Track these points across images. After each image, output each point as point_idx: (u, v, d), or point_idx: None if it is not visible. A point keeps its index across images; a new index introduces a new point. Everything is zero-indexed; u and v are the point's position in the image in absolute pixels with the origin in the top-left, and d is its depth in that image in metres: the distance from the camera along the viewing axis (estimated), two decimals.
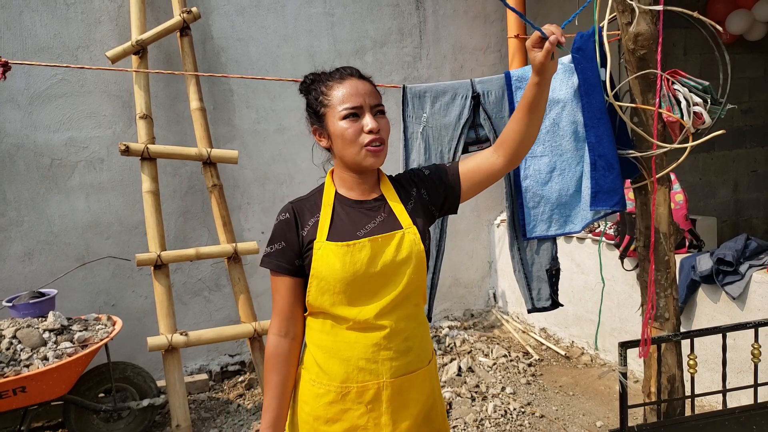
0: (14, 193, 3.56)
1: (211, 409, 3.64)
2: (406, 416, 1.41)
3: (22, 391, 2.64)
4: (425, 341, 1.49)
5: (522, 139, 1.43)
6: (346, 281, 1.36)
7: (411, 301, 1.44)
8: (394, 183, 1.53)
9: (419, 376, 1.44)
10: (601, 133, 1.97)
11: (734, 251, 2.93)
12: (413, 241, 1.41)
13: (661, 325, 2.18)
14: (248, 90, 4.05)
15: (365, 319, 1.38)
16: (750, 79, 5.65)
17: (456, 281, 4.82)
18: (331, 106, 1.41)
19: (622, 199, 2.01)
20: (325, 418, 1.41)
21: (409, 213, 1.46)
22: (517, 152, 1.45)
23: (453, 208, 1.55)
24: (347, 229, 1.41)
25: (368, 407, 1.39)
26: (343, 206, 1.45)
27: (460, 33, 4.63)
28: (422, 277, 1.44)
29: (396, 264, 1.39)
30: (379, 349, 1.38)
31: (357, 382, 1.39)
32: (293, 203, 1.48)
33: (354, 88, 1.41)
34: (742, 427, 2.09)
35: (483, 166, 1.48)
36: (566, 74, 2.12)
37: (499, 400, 3.41)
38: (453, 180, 1.50)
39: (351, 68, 1.47)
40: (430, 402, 1.47)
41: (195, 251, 3.42)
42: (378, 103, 1.43)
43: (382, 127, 1.42)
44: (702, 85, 1.91)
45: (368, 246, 1.38)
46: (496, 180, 1.51)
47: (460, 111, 2.27)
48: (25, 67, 3.48)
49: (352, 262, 1.36)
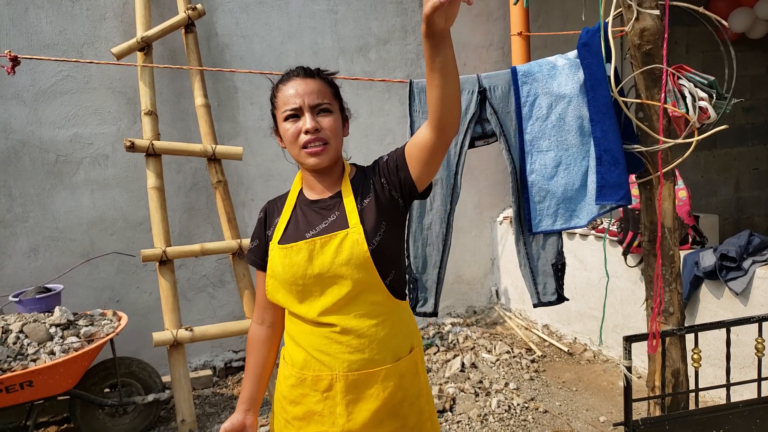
0: (20, 189, 3.57)
1: (216, 404, 3.65)
2: (363, 410, 1.42)
3: (29, 386, 2.66)
4: (393, 338, 1.45)
5: (439, 104, 1.28)
6: (288, 282, 1.41)
7: (364, 300, 1.41)
8: (359, 175, 1.50)
9: (379, 374, 1.42)
10: (607, 128, 1.98)
11: (737, 247, 2.94)
12: (356, 241, 1.38)
13: (665, 320, 2.19)
14: (252, 87, 4.07)
15: (312, 317, 1.41)
16: (752, 77, 5.66)
17: (458, 278, 4.83)
18: (278, 108, 1.45)
19: (627, 193, 2.02)
20: (289, 398, 1.48)
21: (360, 210, 1.42)
22: (441, 119, 1.30)
23: (414, 191, 1.43)
24: (299, 230, 1.45)
25: (324, 395, 1.42)
26: (301, 206, 1.49)
27: (463, 30, 4.64)
28: (372, 277, 1.39)
29: (336, 265, 1.38)
30: (331, 342, 1.41)
31: (312, 370, 1.43)
32: (269, 203, 1.57)
33: (294, 89, 1.41)
34: (746, 421, 2.10)
35: (419, 142, 1.37)
36: (572, 69, 2.14)
37: (502, 395, 3.43)
38: (401, 162, 1.43)
39: (299, 68, 1.46)
40: (398, 398, 1.44)
41: (200, 247, 3.44)
42: (320, 103, 1.41)
43: (325, 126, 1.40)
44: (707, 80, 1.92)
45: (305, 249, 1.40)
46: (437, 154, 1.37)
47: (466, 106, 2.28)
48: (30, 64, 3.49)
49: (290, 264, 1.40)
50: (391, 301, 1.45)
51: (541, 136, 2.23)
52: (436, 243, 2.44)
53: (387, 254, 1.42)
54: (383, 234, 1.41)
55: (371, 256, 1.38)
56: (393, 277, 1.45)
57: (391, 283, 1.44)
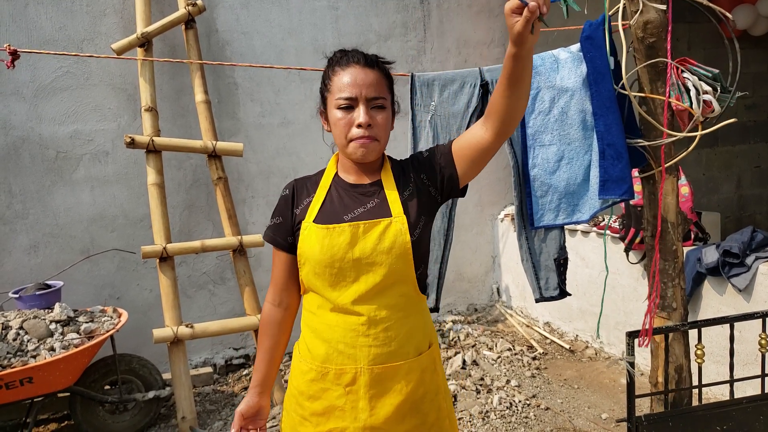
0: (20, 185, 3.56)
1: (216, 401, 3.64)
2: (385, 404, 1.39)
3: (29, 382, 2.65)
4: (416, 333, 1.45)
5: (507, 114, 1.32)
6: (324, 264, 1.37)
7: (396, 290, 1.40)
8: (397, 168, 1.50)
9: (403, 368, 1.40)
10: (610, 122, 1.97)
11: (740, 243, 2.93)
12: (399, 230, 1.37)
13: (668, 315, 2.18)
14: (253, 83, 4.05)
15: (343, 303, 1.38)
16: (754, 74, 5.64)
17: (459, 276, 4.82)
18: (331, 93, 1.40)
19: (630, 187, 2.01)
20: (307, 394, 1.44)
21: (402, 201, 1.42)
22: (504, 125, 1.35)
23: (455, 189, 1.46)
24: (336, 212, 1.41)
25: (346, 390, 1.39)
26: (338, 189, 1.46)
27: (465, 27, 4.63)
28: (408, 268, 1.39)
29: (377, 252, 1.36)
30: (357, 335, 1.38)
31: (336, 364, 1.40)
32: (297, 180, 1.52)
33: (353, 77, 1.37)
34: (749, 417, 2.09)
35: (473, 142, 1.39)
36: (575, 63, 2.12)
37: (504, 392, 3.42)
38: (447, 159, 1.44)
39: (359, 54, 1.42)
40: (419, 393, 1.43)
41: (200, 244, 3.43)
42: (377, 96, 1.38)
43: (376, 123, 1.38)
44: (712, 73, 1.90)
45: (348, 231, 1.37)
46: (491, 154, 1.41)
47: (468, 99, 2.27)
48: (30, 60, 3.48)
49: (330, 245, 1.37)
50: (417, 295, 1.45)
51: (544, 130, 2.21)
52: (438, 238, 2.43)
53: (423, 247, 1.43)
54: (422, 227, 1.42)
55: (411, 247, 1.38)
56: (421, 271, 1.46)
57: (420, 276, 1.45)
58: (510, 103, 1.31)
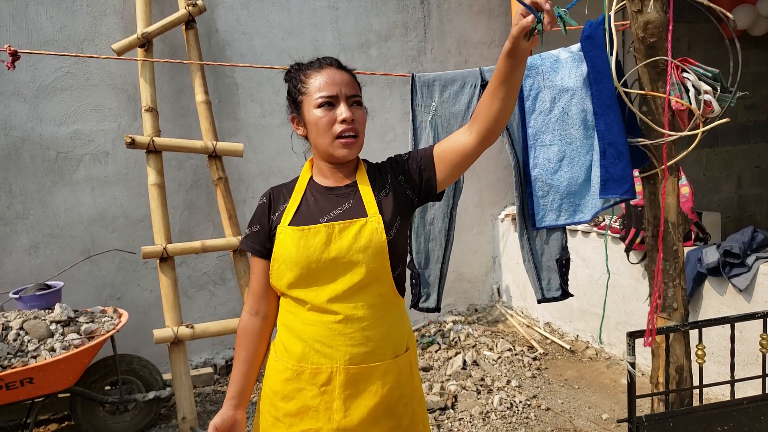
0: (20, 186, 3.56)
1: (217, 402, 3.64)
2: (361, 406, 1.39)
3: (29, 382, 2.65)
4: (393, 334, 1.44)
5: (495, 116, 1.34)
6: (300, 265, 1.38)
7: (372, 290, 1.40)
8: (372, 170, 1.51)
9: (379, 369, 1.40)
10: (611, 121, 1.97)
11: (741, 243, 2.93)
12: (375, 229, 1.38)
13: (669, 315, 2.18)
14: (253, 84, 4.05)
15: (319, 303, 1.39)
16: (754, 75, 5.63)
17: (460, 276, 4.82)
18: (308, 94, 1.42)
19: (632, 187, 2.00)
20: (282, 394, 1.43)
21: (378, 201, 1.43)
22: (489, 130, 1.36)
23: (432, 192, 1.48)
24: (312, 215, 1.42)
25: (321, 390, 1.39)
26: (313, 192, 1.47)
27: (465, 27, 4.63)
28: (384, 267, 1.40)
29: (353, 251, 1.37)
30: (334, 333, 1.38)
31: (312, 363, 1.39)
32: (273, 189, 1.54)
33: (331, 77, 1.40)
34: (751, 417, 2.09)
35: (455, 146, 1.41)
36: (575, 62, 2.12)
37: (504, 393, 3.41)
38: (427, 162, 1.45)
39: (330, 58, 1.46)
40: (395, 396, 1.42)
41: (201, 244, 3.42)
42: (354, 94, 1.42)
43: (357, 119, 1.40)
44: (712, 72, 1.90)
45: (323, 231, 1.38)
46: (471, 160, 1.42)
47: (469, 99, 2.27)
48: (31, 60, 3.48)
49: (305, 246, 1.38)
50: (394, 296, 1.45)
51: (545, 130, 2.21)
52: (439, 238, 2.43)
53: (399, 249, 1.44)
54: (398, 228, 1.43)
55: (387, 246, 1.39)
56: (399, 272, 1.46)
57: (397, 277, 1.45)
58: (499, 105, 1.33)
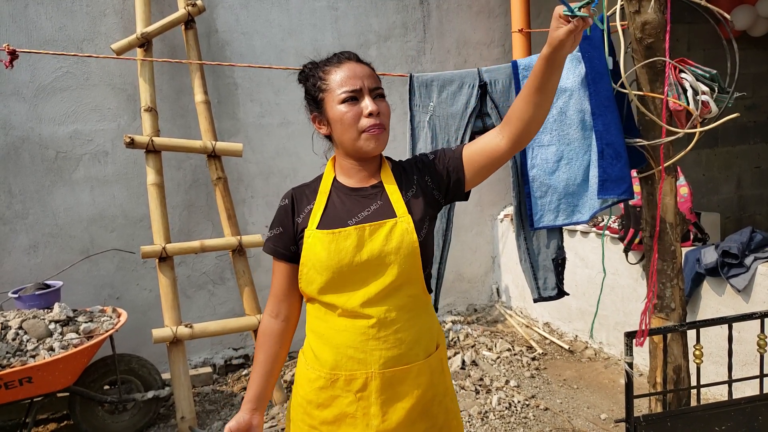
0: (19, 185, 3.57)
1: (216, 401, 3.65)
2: (398, 409, 1.37)
3: (28, 382, 2.65)
4: (424, 334, 1.43)
5: (528, 121, 1.32)
6: (332, 269, 1.35)
7: (404, 291, 1.39)
8: (397, 169, 1.48)
9: (413, 370, 1.39)
10: (609, 122, 1.97)
11: (739, 244, 2.93)
12: (405, 230, 1.36)
13: (667, 316, 2.18)
14: (252, 84, 4.06)
15: (352, 307, 1.36)
16: (754, 75, 5.64)
17: (459, 276, 4.82)
18: (330, 91, 1.38)
19: (629, 187, 2.01)
20: (316, 402, 1.41)
21: (406, 201, 1.40)
22: (522, 134, 1.34)
23: (460, 193, 1.46)
24: (339, 217, 1.39)
25: (357, 396, 1.37)
26: (339, 193, 1.43)
27: (464, 27, 4.63)
28: (416, 268, 1.38)
29: (384, 253, 1.35)
30: (368, 338, 1.35)
31: (346, 370, 1.37)
32: (295, 189, 1.50)
33: (352, 71, 1.38)
34: (748, 418, 2.09)
35: (486, 149, 1.39)
36: (573, 63, 2.12)
37: (503, 393, 3.42)
38: (456, 164, 1.43)
39: (348, 52, 1.43)
40: (429, 396, 1.41)
41: (200, 244, 3.43)
42: (377, 86, 1.40)
43: (382, 111, 1.38)
44: (709, 73, 1.91)
45: (354, 234, 1.35)
46: (501, 163, 1.41)
47: (467, 100, 2.27)
48: (30, 60, 3.48)
49: (337, 250, 1.35)
50: (424, 295, 1.44)
51: (543, 131, 2.22)
52: (436, 238, 2.43)
53: (429, 248, 1.42)
54: (427, 228, 1.41)
55: (419, 247, 1.37)
56: (428, 272, 1.45)
57: (427, 277, 1.44)
58: (534, 111, 1.31)
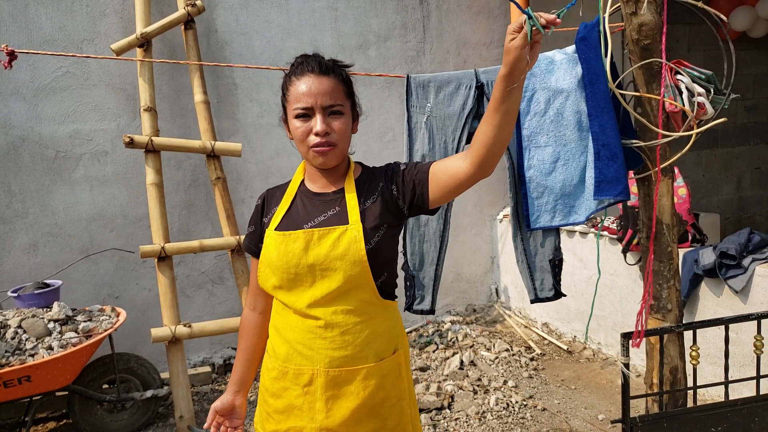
0: (19, 185, 3.57)
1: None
2: (342, 407, 1.41)
3: (27, 381, 2.66)
4: (377, 339, 1.44)
5: (489, 144, 1.28)
6: (281, 269, 1.41)
7: (353, 296, 1.41)
8: (365, 176, 1.50)
9: (360, 372, 1.41)
10: (605, 123, 1.97)
11: (737, 245, 2.93)
12: (354, 238, 1.38)
13: (663, 317, 2.19)
14: (252, 84, 4.06)
15: (299, 307, 1.41)
16: (754, 76, 5.63)
17: (458, 276, 4.82)
18: (289, 102, 1.42)
19: (626, 188, 2.01)
20: (271, 391, 1.49)
21: (362, 209, 1.42)
22: (484, 158, 1.30)
23: (423, 207, 1.45)
24: (298, 220, 1.45)
25: (304, 390, 1.43)
26: (303, 197, 1.49)
27: (464, 28, 4.63)
28: (364, 275, 1.39)
29: (330, 258, 1.38)
30: (315, 337, 1.41)
31: (295, 364, 1.43)
32: (269, 190, 1.57)
33: (308, 87, 1.38)
34: (745, 418, 2.09)
35: (450, 169, 1.37)
36: (570, 64, 2.13)
37: (501, 393, 3.42)
38: (422, 179, 1.42)
39: (313, 63, 1.42)
40: (379, 398, 1.44)
41: (199, 243, 3.43)
42: (332, 104, 1.39)
43: (335, 129, 1.39)
44: (705, 74, 1.91)
45: (302, 238, 1.40)
46: (466, 186, 1.38)
47: (464, 101, 2.27)
48: (30, 60, 3.49)
49: (285, 251, 1.40)
50: (379, 301, 1.45)
51: (539, 132, 2.22)
52: (434, 240, 2.43)
53: (382, 256, 1.42)
54: (381, 236, 1.41)
55: (367, 255, 1.38)
56: (385, 278, 1.45)
57: (382, 284, 1.45)
58: (494, 133, 1.27)
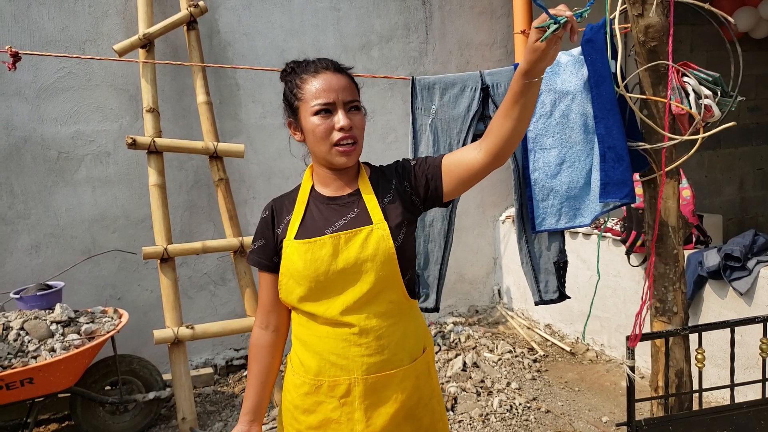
0: (21, 186, 3.57)
1: (217, 402, 3.65)
2: (382, 414, 1.38)
3: (29, 383, 2.65)
4: (409, 338, 1.44)
5: (506, 136, 1.29)
6: (309, 279, 1.36)
7: (384, 298, 1.39)
8: (376, 175, 1.49)
9: (397, 376, 1.40)
10: (611, 125, 1.96)
11: (742, 246, 2.92)
12: (381, 237, 1.36)
13: (669, 319, 2.18)
14: (254, 85, 4.06)
15: (332, 316, 1.37)
16: (756, 77, 5.63)
17: (461, 277, 4.82)
18: (304, 101, 1.37)
19: (631, 191, 2.00)
20: (302, 408, 1.43)
21: (382, 208, 1.41)
22: (499, 150, 1.32)
23: (438, 201, 1.45)
24: (317, 227, 1.40)
25: (341, 401, 1.38)
26: (316, 203, 1.44)
27: (467, 28, 4.62)
28: (394, 274, 1.38)
29: (360, 261, 1.35)
30: (349, 345, 1.37)
31: (329, 376, 1.38)
32: (275, 201, 1.51)
33: (327, 83, 1.36)
34: (750, 421, 2.08)
35: (464, 161, 1.37)
36: (576, 66, 2.12)
37: (504, 395, 3.41)
38: (435, 172, 1.42)
39: (327, 61, 1.41)
40: (414, 399, 1.42)
41: (201, 245, 3.43)
42: (352, 99, 1.38)
43: (355, 125, 1.37)
44: (712, 77, 1.90)
45: (329, 243, 1.36)
46: (480, 177, 1.38)
47: (469, 103, 2.27)
48: (32, 61, 3.48)
49: (312, 259, 1.36)
50: (406, 300, 1.44)
51: (545, 134, 2.21)
52: (438, 239, 2.43)
53: (407, 253, 1.42)
54: (405, 232, 1.41)
55: (396, 253, 1.37)
56: (409, 276, 1.44)
57: (408, 282, 1.44)
58: (512, 125, 1.28)
